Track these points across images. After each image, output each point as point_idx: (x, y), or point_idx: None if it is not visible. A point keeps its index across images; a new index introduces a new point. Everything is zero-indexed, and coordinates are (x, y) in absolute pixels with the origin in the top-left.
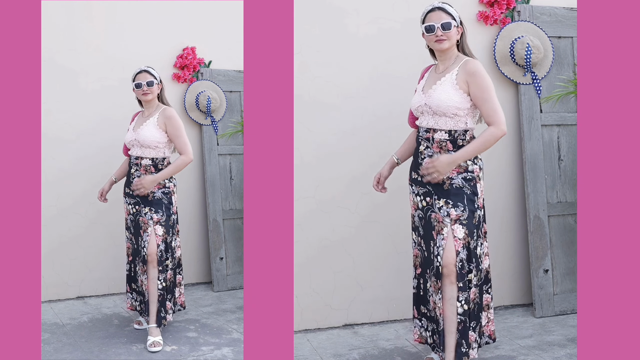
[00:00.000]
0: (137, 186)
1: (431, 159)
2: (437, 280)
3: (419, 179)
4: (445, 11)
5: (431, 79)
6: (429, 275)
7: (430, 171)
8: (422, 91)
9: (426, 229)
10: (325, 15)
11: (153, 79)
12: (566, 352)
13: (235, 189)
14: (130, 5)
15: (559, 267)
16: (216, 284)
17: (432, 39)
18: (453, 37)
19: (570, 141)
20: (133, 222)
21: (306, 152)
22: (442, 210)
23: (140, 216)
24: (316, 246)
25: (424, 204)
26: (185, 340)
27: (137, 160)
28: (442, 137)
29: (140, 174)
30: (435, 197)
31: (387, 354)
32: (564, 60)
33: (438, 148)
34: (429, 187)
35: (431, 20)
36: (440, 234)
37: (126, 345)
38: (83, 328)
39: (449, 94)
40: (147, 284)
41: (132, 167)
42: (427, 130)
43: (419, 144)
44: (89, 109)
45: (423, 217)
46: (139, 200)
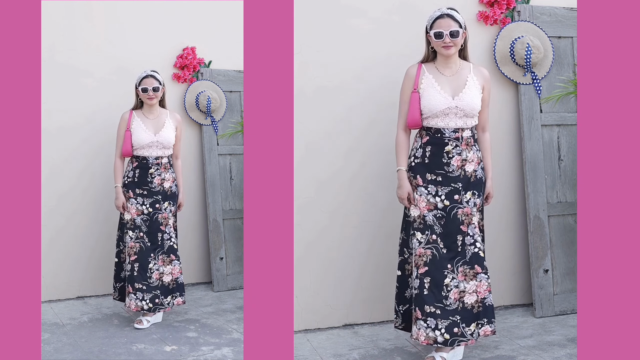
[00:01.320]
0: (182, 204)
1: (490, 190)
2: (474, 266)
3: (440, 179)
4: (453, 18)
5: (444, 82)
6: (452, 268)
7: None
8: (445, 93)
9: (449, 226)
10: (325, 15)
11: (159, 84)
12: (566, 352)
13: (235, 189)
14: (130, 5)
15: (559, 267)
16: (216, 284)
17: (440, 44)
18: (459, 43)
19: (570, 141)
20: (148, 220)
21: (306, 152)
22: (470, 202)
23: (159, 213)
24: (316, 246)
25: (447, 203)
26: (185, 340)
27: (157, 160)
28: (468, 134)
29: (161, 172)
30: (463, 192)
31: (387, 354)
32: (564, 60)
33: (465, 145)
34: (455, 185)
35: (440, 27)
36: (472, 224)
37: (126, 345)
38: (83, 328)
39: (478, 98)
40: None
41: (150, 167)
42: (455, 131)
43: (445, 144)
44: (89, 109)
45: (444, 215)
46: (159, 198)
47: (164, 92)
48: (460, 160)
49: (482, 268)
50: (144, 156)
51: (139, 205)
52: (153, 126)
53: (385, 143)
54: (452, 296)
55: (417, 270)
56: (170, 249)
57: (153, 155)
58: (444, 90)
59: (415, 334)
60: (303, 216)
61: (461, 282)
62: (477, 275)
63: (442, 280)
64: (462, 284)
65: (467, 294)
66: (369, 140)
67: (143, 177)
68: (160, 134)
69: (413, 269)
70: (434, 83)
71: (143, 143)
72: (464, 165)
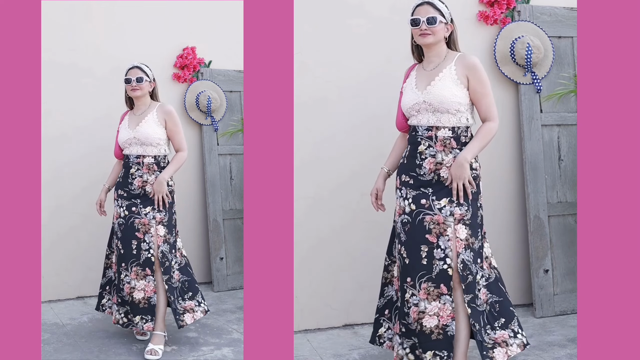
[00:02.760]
0: (157, 190)
1: (452, 168)
2: (440, 285)
3: (411, 182)
4: (433, 6)
5: (422, 77)
6: (415, 282)
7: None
8: (416, 88)
9: (412, 233)
10: (326, 15)
11: (144, 75)
12: (566, 352)
13: (235, 189)
14: (130, 5)
15: (559, 267)
16: (216, 284)
17: (417, 32)
18: (439, 32)
19: (570, 141)
20: (123, 225)
21: (306, 152)
22: (444, 210)
23: (137, 218)
24: (316, 246)
25: (413, 208)
26: (185, 340)
27: (138, 159)
28: (446, 134)
29: (143, 174)
30: (433, 198)
31: (387, 354)
32: (564, 60)
33: (442, 146)
34: (424, 189)
35: (418, 14)
36: (444, 236)
37: (126, 345)
38: (83, 328)
39: (451, 89)
40: (152, 289)
41: (131, 167)
42: (428, 129)
43: (418, 143)
44: (89, 109)
45: (409, 221)
46: (138, 202)
47: (155, 87)
48: (434, 163)
49: (447, 289)
50: (127, 155)
51: (118, 207)
52: (135, 122)
53: (386, 143)
54: (411, 314)
55: (396, 282)
56: (146, 262)
57: (134, 153)
58: (418, 85)
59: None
60: (303, 216)
61: (422, 300)
62: (442, 297)
63: (404, 295)
64: (422, 303)
65: (427, 315)
66: (369, 139)
67: (125, 178)
68: (137, 129)
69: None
70: (413, 80)
71: (123, 140)
72: (438, 169)
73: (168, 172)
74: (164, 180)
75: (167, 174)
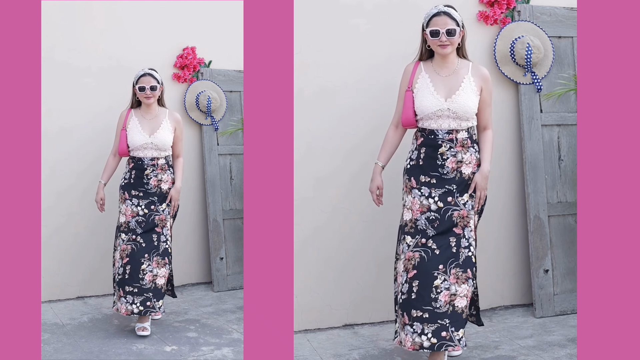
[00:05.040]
0: (176, 198)
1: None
2: (467, 270)
3: (434, 182)
4: (450, 16)
5: (439, 82)
6: (445, 269)
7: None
8: (437, 94)
9: (442, 227)
10: (326, 15)
11: (156, 83)
12: (566, 352)
13: (235, 189)
14: (130, 5)
15: (559, 267)
16: (216, 284)
17: (436, 42)
18: (456, 42)
19: (570, 141)
20: (143, 222)
21: (306, 152)
22: (467, 205)
23: (156, 215)
24: (316, 246)
25: (441, 205)
26: (185, 340)
27: (152, 161)
28: (464, 136)
29: (158, 173)
30: (458, 195)
31: (387, 354)
32: (564, 60)
33: (461, 147)
34: (449, 186)
35: (437, 25)
36: (468, 227)
37: (126, 345)
38: (83, 328)
39: (473, 101)
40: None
41: (146, 168)
42: (448, 132)
43: (438, 146)
44: (89, 108)
45: (437, 218)
46: (155, 199)
47: (163, 91)
48: (455, 162)
49: (472, 274)
50: (139, 157)
51: (134, 206)
52: (149, 127)
53: None
54: (442, 298)
55: (406, 275)
56: (165, 252)
57: (148, 156)
58: (438, 91)
59: (403, 340)
60: (303, 216)
61: (453, 284)
62: (468, 281)
63: (432, 282)
64: (453, 287)
65: (458, 297)
66: (368, 139)
67: (139, 179)
68: (155, 136)
69: (402, 273)
70: (428, 83)
71: (138, 144)
72: (459, 167)
73: (180, 180)
74: (180, 189)
75: (180, 182)
